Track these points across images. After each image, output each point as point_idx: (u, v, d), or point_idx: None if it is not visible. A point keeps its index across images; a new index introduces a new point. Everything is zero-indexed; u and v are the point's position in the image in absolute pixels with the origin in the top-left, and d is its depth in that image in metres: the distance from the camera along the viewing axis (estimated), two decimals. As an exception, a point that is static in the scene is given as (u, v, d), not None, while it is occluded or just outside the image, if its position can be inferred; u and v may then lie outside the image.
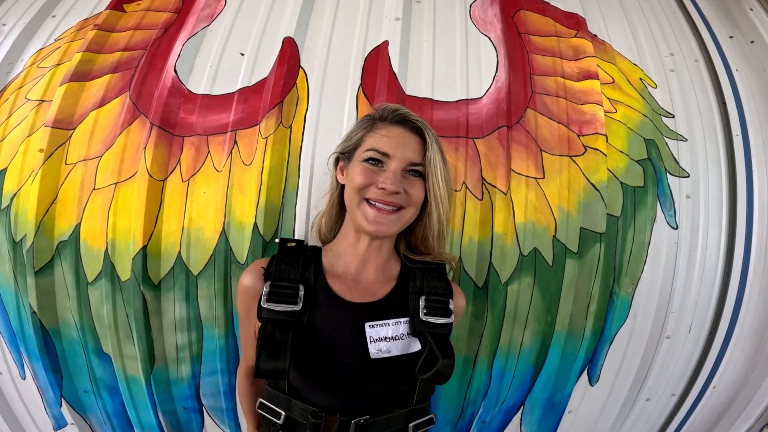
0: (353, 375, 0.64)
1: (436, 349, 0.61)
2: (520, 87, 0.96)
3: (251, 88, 0.93)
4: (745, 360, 1.08)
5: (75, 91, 0.93)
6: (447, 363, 0.60)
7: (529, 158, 0.91)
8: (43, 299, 0.89)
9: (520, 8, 1.07)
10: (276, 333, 0.60)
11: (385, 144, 0.62)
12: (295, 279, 0.64)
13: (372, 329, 0.64)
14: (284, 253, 0.67)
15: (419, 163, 0.63)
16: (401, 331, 0.65)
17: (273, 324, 0.61)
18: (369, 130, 0.65)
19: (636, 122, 0.99)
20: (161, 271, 0.87)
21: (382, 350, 0.63)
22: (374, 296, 0.67)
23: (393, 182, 0.60)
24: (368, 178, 0.62)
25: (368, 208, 0.62)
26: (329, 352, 0.64)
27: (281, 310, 0.62)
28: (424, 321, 0.64)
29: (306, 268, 0.67)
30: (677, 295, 0.98)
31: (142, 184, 0.85)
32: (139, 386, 0.93)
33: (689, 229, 0.97)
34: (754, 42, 1.18)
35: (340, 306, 0.65)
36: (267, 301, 0.62)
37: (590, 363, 0.99)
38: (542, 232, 0.89)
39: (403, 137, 0.63)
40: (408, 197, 0.62)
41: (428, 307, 0.65)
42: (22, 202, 0.88)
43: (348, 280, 0.67)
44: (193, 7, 1.03)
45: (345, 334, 0.64)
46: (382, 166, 0.62)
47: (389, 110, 0.66)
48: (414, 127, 0.64)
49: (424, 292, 0.67)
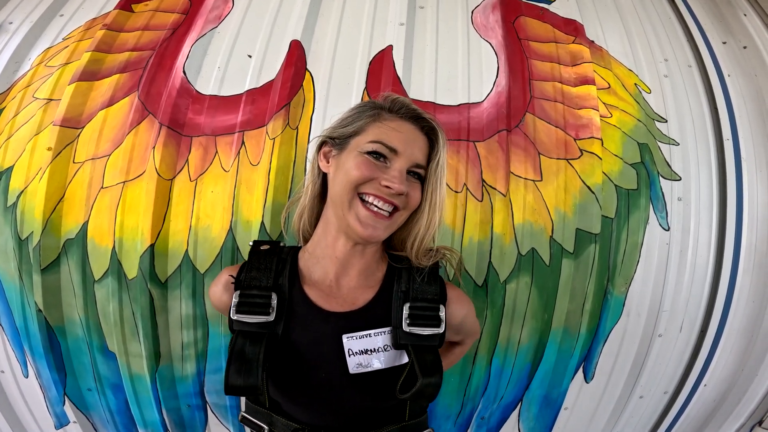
0: (332, 391, 0.58)
1: (417, 366, 0.54)
2: (519, 92, 0.98)
3: (259, 89, 0.94)
4: (735, 358, 1.10)
5: (84, 90, 0.94)
6: (429, 382, 0.53)
7: (527, 161, 0.93)
8: (48, 297, 0.89)
9: (521, 14, 1.09)
10: (247, 347, 0.54)
11: (395, 139, 0.55)
12: (266, 287, 0.58)
13: (350, 341, 0.57)
14: (255, 258, 0.60)
15: (423, 165, 0.58)
16: (383, 343, 0.57)
17: (244, 336, 0.55)
18: (374, 119, 0.58)
19: (630, 126, 1.01)
20: (168, 269, 0.88)
21: (363, 364, 0.57)
22: (354, 304, 0.59)
23: (401, 181, 0.54)
24: (370, 173, 0.54)
25: (362, 208, 0.55)
26: (305, 366, 0.58)
27: (253, 322, 0.56)
28: (407, 332, 0.56)
29: (279, 274, 0.59)
30: (669, 294, 1.00)
31: (151, 183, 0.86)
32: (144, 384, 0.94)
33: (681, 231, 1.00)
34: (747, 47, 1.19)
35: (316, 315, 0.58)
36: (237, 312, 0.56)
37: (585, 360, 1.01)
38: (540, 232, 0.92)
39: (414, 135, 0.57)
40: (407, 200, 0.57)
41: (412, 316, 0.57)
42: (29, 199, 0.88)
43: (326, 286, 0.60)
44: (201, 8, 1.04)
45: (322, 347, 0.58)
46: (385, 162, 0.56)
47: (400, 103, 0.59)
48: (425, 126, 0.59)
49: (409, 298, 0.58)
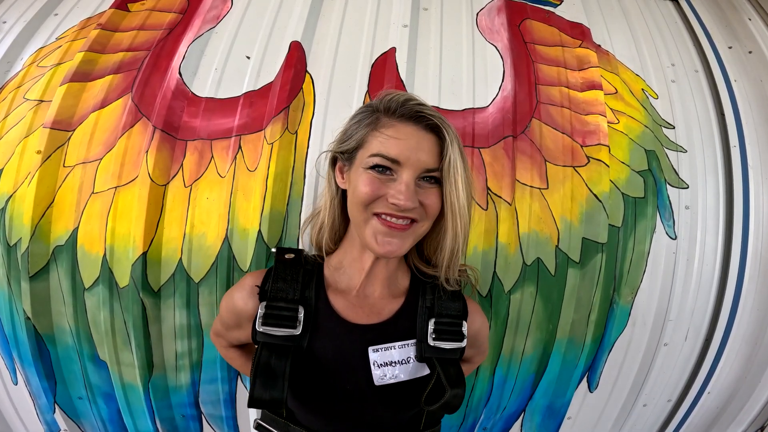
0: (356, 402, 0.59)
1: (444, 378, 0.55)
2: (525, 96, 0.96)
3: (257, 92, 0.91)
4: (739, 365, 1.09)
5: (75, 91, 0.90)
6: (456, 393, 0.55)
7: (533, 168, 0.91)
8: (37, 305, 0.87)
9: (526, 17, 1.07)
10: (273, 360, 0.54)
11: (394, 148, 0.51)
12: (294, 299, 0.57)
13: (376, 353, 0.58)
14: (282, 268, 0.60)
15: (436, 168, 0.52)
16: (408, 355, 0.59)
17: (269, 349, 0.55)
18: (372, 127, 0.54)
19: (637, 133, 1.00)
20: (161, 278, 0.86)
21: (388, 376, 0.58)
22: (380, 315, 0.60)
23: (407, 197, 0.50)
24: (375, 190, 0.52)
25: (377, 222, 0.53)
26: (330, 377, 0.58)
27: (279, 335, 0.56)
28: (432, 346, 0.58)
29: (306, 286, 0.59)
30: (675, 303, 0.99)
31: (143, 189, 0.83)
32: (137, 394, 0.91)
33: (687, 240, 0.99)
34: (752, 52, 1.18)
35: (342, 328, 0.59)
36: (263, 324, 0.56)
37: (590, 370, 1.00)
38: (545, 241, 0.90)
39: (416, 138, 0.52)
40: (423, 210, 0.53)
41: (438, 331, 0.59)
42: (18, 205, 0.85)
43: (352, 297, 0.61)
44: (199, 8, 1.01)
45: (347, 359, 0.58)
46: (392, 174, 0.52)
47: (397, 102, 0.53)
48: (429, 124, 0.53)
49: (434, 313, 0.60)
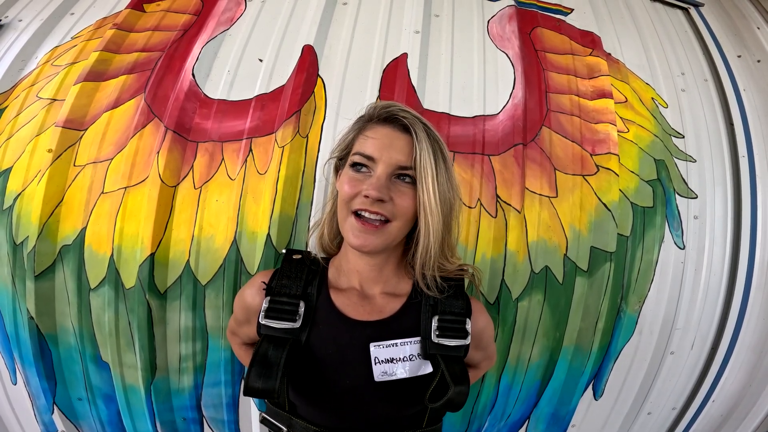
0: (355, 397, 0.60)
1: (447, 375, 0.56)
2: (535, 104, 0.96)
3: (269, 95, 0.91)
4: (744, 374, 1.10)
5: (89, 91, 0.90)
6: (460, 390, 0.56)
7: (543, 177, 0.91)
8: (41, 304, 0.86)
9: (537, 25, 1.08)
10: (270, 351, 0.57)
11: (369, 146, 0.55)
12: (296, 294, 0.61)
13: (377, 349, 0.59)
14: (288, 267, 0.64)
15: (409, 166, 0.55)
16: (410, 352, 0.60)
17: (269, 341, 0.58)
18: (359, 132, 0.59)
19: (647, 142, 1.00)
20: (168, 280, 0.85)
21: (388, 372, 0.59)
22: (381, 313, 0.62)
23: (376, 188, 0.53)
24: (354, 187, 0.55)
25: (353, 220, 0.56)
26: (329, 372, 0.60)
27: (279, 327, 0.59)
28: (436, 343, 0.59)
29: (309, 283, 0.63)
30: (682, 312, 0.99)
31: (153, 190, 0.83)
32: (138, 396, 0.90)
33: (696, 250, 0.99)
34: (761, 61, 1.19)
35: (343, 324, 0.61)
36: (265, 317, 0.59)
37: (596, 378, 1.00)
38: (553, 250, 0.90)
39: (390, 137, 0.56)
40: (393, 207, 0.55)
41: (441, 328, 0.60)
42: (26, 203, 0.85)
43: (354, 296, 0.63)
44: (214, 9, 1.01)
45: (347, 354, 0.60)
46: (369, 171, 0.56)
47: (379, 107, 0.58)
48: (403, 124, 0.56)
49: (437, 311, 0.61)
